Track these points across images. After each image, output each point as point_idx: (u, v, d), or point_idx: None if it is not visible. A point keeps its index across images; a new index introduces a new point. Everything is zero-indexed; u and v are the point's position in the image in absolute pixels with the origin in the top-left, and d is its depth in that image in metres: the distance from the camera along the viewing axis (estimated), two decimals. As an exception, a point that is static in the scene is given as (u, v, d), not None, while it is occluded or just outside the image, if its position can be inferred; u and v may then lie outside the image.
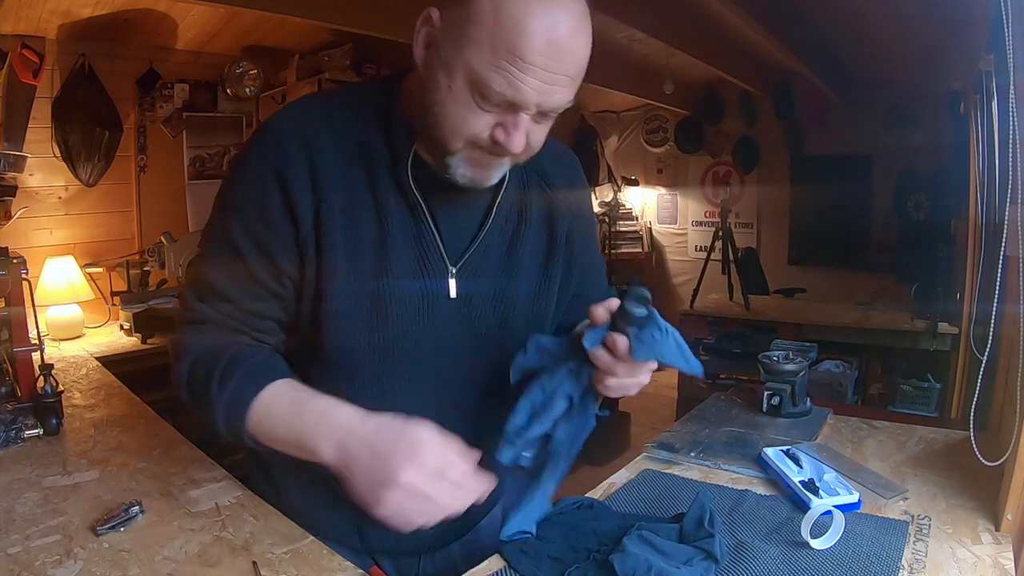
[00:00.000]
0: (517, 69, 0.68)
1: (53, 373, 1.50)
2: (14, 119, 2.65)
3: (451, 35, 0.72)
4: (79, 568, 0.90)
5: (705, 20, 3.26)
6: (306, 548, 0.94)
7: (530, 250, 0.91)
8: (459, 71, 0.71)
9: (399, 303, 0.83)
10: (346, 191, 0.80)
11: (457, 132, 0.74)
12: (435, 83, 0.74)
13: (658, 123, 5.51)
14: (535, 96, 0.70)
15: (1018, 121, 1.06)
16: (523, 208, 0.90)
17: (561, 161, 0.97)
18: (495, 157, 0.77)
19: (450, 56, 0.72)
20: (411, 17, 0.81)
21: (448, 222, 0.85)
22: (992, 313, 1.10)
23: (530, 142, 0.76)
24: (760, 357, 1.51)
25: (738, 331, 3.72)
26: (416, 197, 0.82)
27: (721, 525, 0.90)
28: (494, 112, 0.72)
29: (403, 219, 0.82)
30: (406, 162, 0.81)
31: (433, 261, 0.84)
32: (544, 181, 0.93)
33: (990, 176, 2.34)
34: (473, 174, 0.78)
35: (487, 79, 0.69)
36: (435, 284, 0.85)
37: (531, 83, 0.69)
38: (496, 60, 0.68)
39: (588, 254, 1.00)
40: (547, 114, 0.75)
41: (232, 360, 0.79)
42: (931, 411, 3.13)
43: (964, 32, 2.47)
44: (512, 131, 0.73)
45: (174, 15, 2.87)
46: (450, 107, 0.73)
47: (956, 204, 3.24)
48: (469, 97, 0.71)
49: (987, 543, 0.92)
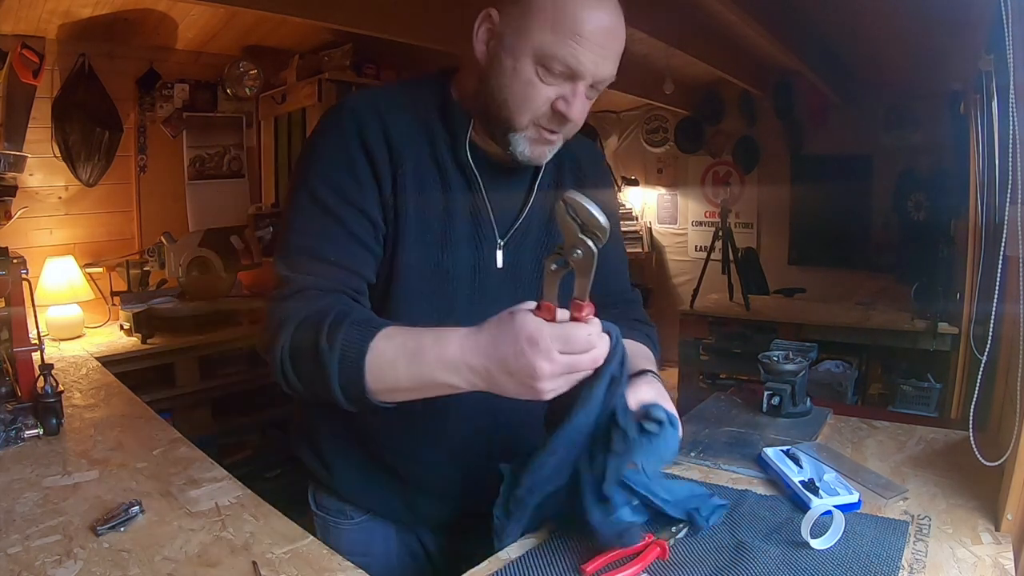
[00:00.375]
0: (576, 44, 0.81)
1: (53, 373, 1.50)
2: (14, 119, 2.65)
3: (513, 26, 0.84)
4: (79, 568, 0.90)
5: (705, 20, 3.26)
6: (306, 548, 0.94)
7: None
8: (524, 52, 0.83)
9: (457, 269, 0.92)
10: (416, 162, 0.90)
11: (522, 106, 0.85)
12: (500, 68, 0.85)
13: (658, 123, 5.51)
14: (591, 66, 0.83)
15: (1018, 121, 1.06)
16: (559, 184, 1.01)
17: (589, 149, 1.12)
18: (551, 134, 0.88)
19: (514, 42, 0.84)
20: (411, 17, 0.83)
21: (497, 198, 0.95)
22: (992, 313, 1.10)
23: (581, 116, 0.87)
24: (760, 357, 1.51)
25: (738, 331, 3.72)
26: (474, 173, 0.93)
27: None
28: (554, 85, 0.84)
29: (463, 192, 0.93)
30: (464, 142, 0.92)
31: (485, 232, 0.95)
32: (576, 163, 1.05)
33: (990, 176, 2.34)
34: (532, 151, 0.89)
35: (553, 52, 0.81)
36: (486, 254, 0.95)
37: (588, 56, 0.82)
38: (560, 37, 0.81)
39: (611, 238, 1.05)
40: (595, 88, 0.86)
41: (336, 319, 0.78)
42: (931, 411, 3.13)
43: (964, 32, 2.47)
44: (572, 100, 0.84)
45: (174, 15, 2.87)
46: (516, 85, 0.84)
47: (956, 204, 3.24)
48: (533, 74, 0.83)
49: (987, 543, 0.92)
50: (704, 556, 0.89)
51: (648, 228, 5.69)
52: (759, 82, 4.50)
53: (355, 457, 1.02)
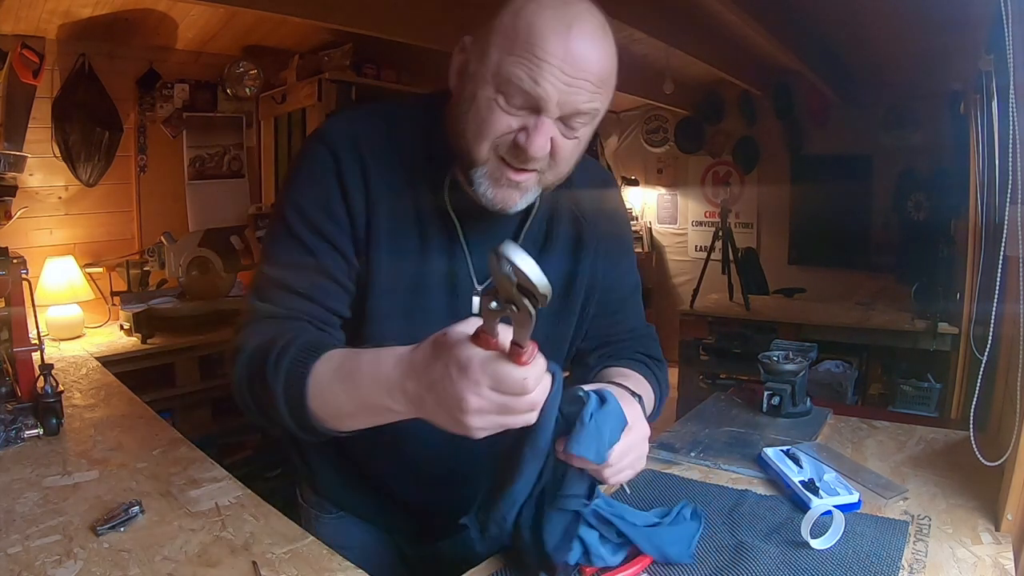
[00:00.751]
0: (535, 64, 0.71)
1: (53, 373, 1.49)
2: (14, 119, 2.64)
3: (478, 50, 0.77)
4: (79, 568, 0.90)
5: (705, 20, 3.26)
6: (306, 548, 0.94)
7: (554, 271, 0.91)
8: (485, 76, 0.75)
9: (430, 314, 0.87)
10: (393, 202, 0.85)
11: (481, 134, 0.76)
12: (464, 96, 0.78)
13: (658, 123, 5.51)
14: (554, 92, 0.72)
15: (1018, 121, 1.06)
16: (550, 231, 0.94)
17: (595, 182, 1.00)
18: (516, 173, 0.78)
19: (477, 67, 0.76)
20: (411, 17, 0.82)
21: (478, 244, 0.89)
22: (992, 313, 1.10)
23: (556, 155, 0.77)
24: (760, 357, 1.51)
25: (738, 331, 3.72)
26: (452, 218, 0.87)
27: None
28: (518, 115, 0.75)
29: (440, 240, 0.87)
30: (444, 184, 0.86)
31: (461, 278, 0.89)
32: (578, 209, 0.96)
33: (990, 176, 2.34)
34: (495, 193, 0.79)
35: (508, 73, 0.72)
36: (462, 300, 0.89)
37: (548, 79, 0.72)
38: (515, 55, 0.72)
39: (616, 274, 1.01)
40: (572, 123, 0.76)
41: (286, 342, 0.74)
42: (931, 411, 3.13)
43: (964, 32, 2.47)
44: (534, 133, 0.74)
45: (174, 15, 2.87)
46: (476, 112, 0.76)
47: (956, 204, 3.24)
48: (494, 100, 0.75)
49: (987, 543, 0.92)
50: (704, 556, 0.89)
51: (648, 228, 5.69)
52: (759, 82, 4.50)
53: (336, 463, 1.03)
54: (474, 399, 0.60)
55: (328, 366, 0.71)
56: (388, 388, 0.66)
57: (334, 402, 0.71)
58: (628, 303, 1.06)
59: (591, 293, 0.98)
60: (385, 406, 0.67)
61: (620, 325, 1.04)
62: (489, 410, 0.61)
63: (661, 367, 1.01)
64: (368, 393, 0.68)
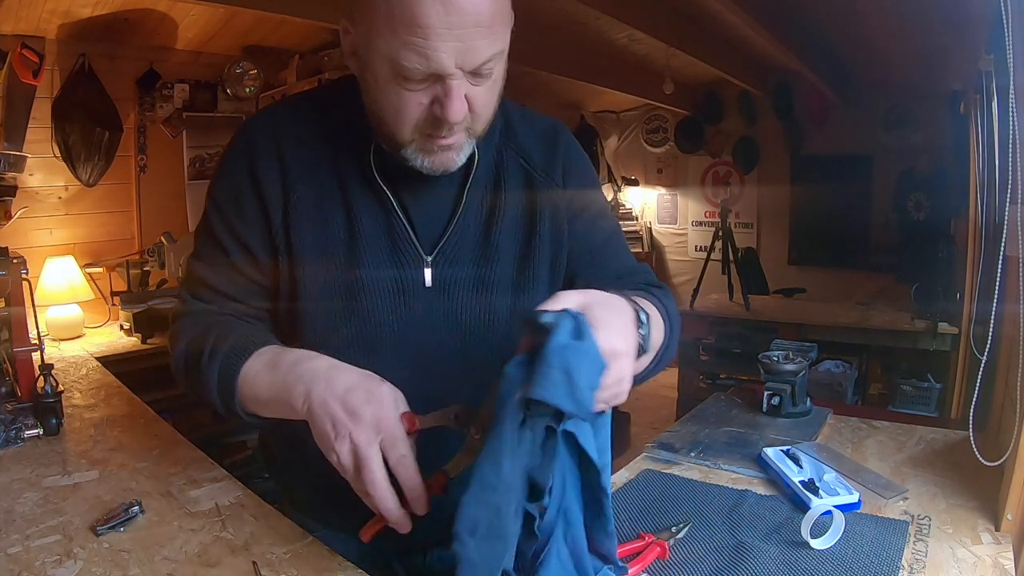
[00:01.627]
0: (421, 38, 0.67)
1: (53, 373, 1.49)
2: (14, 119, 2.64)
3: (361, 34, 0.73)
4: (79, 568, 0.90)
5: (705, 20, 3.26)
6: (306, 548, 0.94)
7: (509, 234, 0.88)
8: (377, 63, 0.72)
9: (374, 295, 0.84)
10: (315, 186, 0.83)
11: (399, 121, 0.74)
12: (366, 83, 0.76)
13: (658, 123, 5.51)
14: (451, 58, 0.68)
15: (1018, 121, 1.06)
16: (497, 190, 0.88)
17: (543, 133, 0.94)
18: (446, 140, 0.75)
19: (366, 53, 0.73)
20: None
21: (420, 212, 0.85)
22: (992, 313, 1.10)
23: (475, 108, 0.74)
24: (760, 357, 1.51)
25: (738, 331, 3.72)
26: (383, 188, 0.83)
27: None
28: (424, 90, 0.71)
29: (373, 212, 0.84)
30: (368, 155, 0.83)
31: (406, 251, 0.84)
32: (523, 157, 0.90)
33: (990, 176, 2.34)
34: (433, 161, 0.77)
35: (399, 59, 0.68)
36: (410, 274, 0.84)
37: (439, 46, 0.67)
38: (399, 37, 0.67)
39: (586, 222, 0.93)
40: (480, 73, 0.71)
41: (221, 333, 0.80)
42: (931, 411, 3.13)
43: (964, 32, 2.47)
44: (447, 101, 0.70)
45: (174, 15, 2.87)
46: (384, 100, 0.74)
47: (956, 204, 3.24)
48: (395, 84, 0.71)
49: (987, 543, 0.92)
50: (704, 556, 0.89)
51: (648, 228, 5.70)
52: (759, 82, 4.51)
53: (309, 482, 0.97)
54: (362, 438, 0.66)
55: (258, 362, 0.76)
56: (301, 385, 0.71)
57: (257, 391, 0.76)
58: (607, 249, 0.96)
59: (558, 251, 0.90)
60: (290, 401, 0.71)
61: (611, 267, 0.94)
62: (359, 450, 0.66)
63: (665, 293, 0.89)
64: (283, 386, 0.72)
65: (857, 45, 3.82)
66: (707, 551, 0.91)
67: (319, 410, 0.69)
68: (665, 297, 0.87)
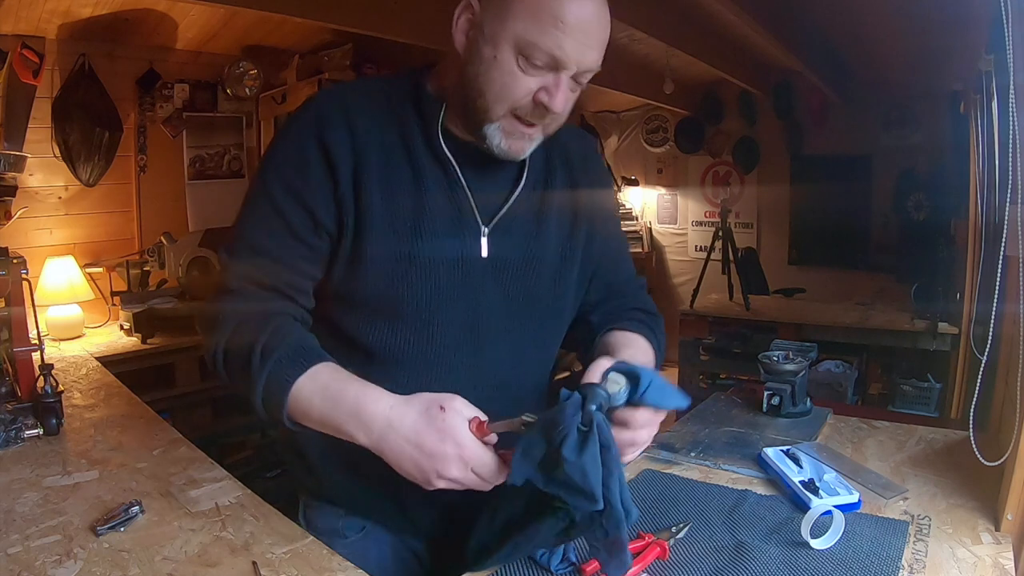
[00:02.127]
0: (559, 31, 0.78)
1: (53, 373, 1.49)
2: (14, 119, 2.64)
3: (493, 14, 0.81)
4: (79, 568, 0.90)
5: (705, 20, 3.26)
6: (306, 548, 0.94)
7: (556, 216, 0.96)
8: (505, 41, 0.79)
9: (434, 261, 0.88)
10: (383, 153, 0.87)
11: (501, 97, 0.81)
12: (479, 57, 0.82)
13: (658, 123, 5.51)
14: (575, 55, 0.79)
15: (1018, 121, 1.06)
16: (548, 177, 0.97)
17: (579, 138, 1.06)
18: (529, 127, 0.84)
19: (495, 30, 0.80)
20: (411, 17, 0.84)
21: (479, 186, 0.91)
22: (992, 313, 1.10)
23: (564, 108, 0.84)
24: (760, 357, 1.51)
25: (738, 331, 3.72)
26: (449, 158, 0.89)
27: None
28: (536, 76, 0.80)
29: (438, 181, 0.89)
30: (436, 130, 0.89)
31: (467, 221, 0.90)
32: (566, 156, 1.00)
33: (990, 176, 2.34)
34: (509, 145, 0.85)
35: (535, 41, 0.78)
36: (468, 243, 0.90)
37: (571, 44, 0.78)
38: (542, 25, 0.78)
39: (608, 228, 1.06)
40: (580, 80, 0.83)
41: (274, 336, 0.81)
42: (931, 411, 3.13)
43: (964, 32, 2.47)
44: (555, 91, 0.81)
45: (174, 15, 2.87)
46: (495, 75, 0.81)
47: (956, 204, 3.24)
48: (514, 64, 0.80)
49: (987, 543, 0.92)
50: (704, 556, 0.89)
51: (648, 228, 5.69)
52: (759, 82, 4.50)
53: (340, 462, 0.98)
54: (456, 472, 0.73)
55: (313, 385, 0.79)
56: (366, 429, 0.76)
57: (308, 412, 0.80)
58: (624, 252, 1.12)
59: (591, 237, 1.00)
60: (352, 437, 0.77)
61: (622, 273, 1.08)
62: (458, 481, 0.74)
63: (658, 322, 1.03)
64: (344, 422, 0.78)
65: (857, 45, 3.82)
66: (707, 551, 0.91)
67: (397, 458, 0.76)
68: (658, 329, 1.02)
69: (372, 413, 0.76)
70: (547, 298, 0.96)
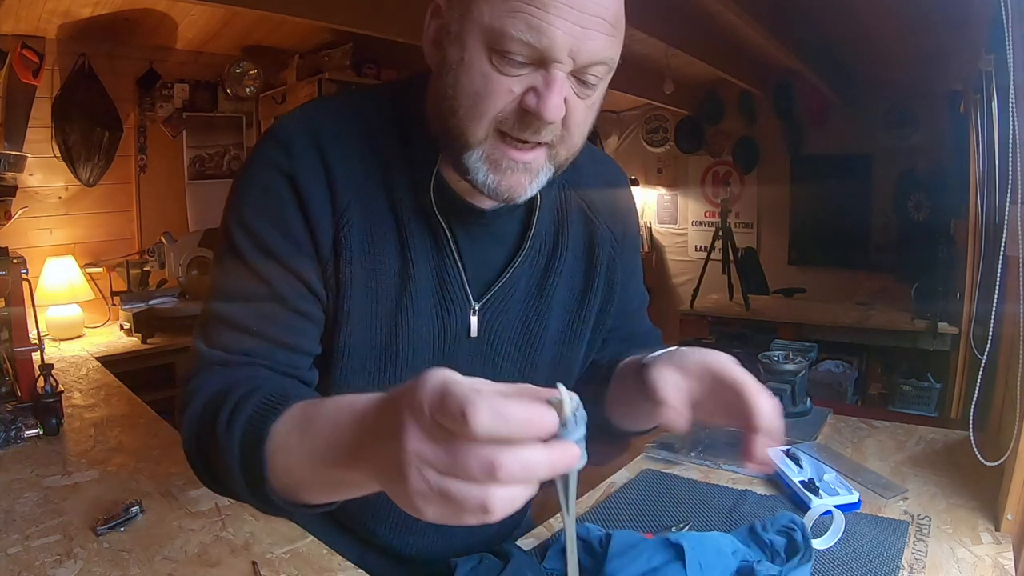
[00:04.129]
0: (536, 7, 0.56)
1: (53, 373, 1.50)
2: (14, 119, 2.65)
3: (460, 7, 0.61)
4: (79, 568, 0.90)
5: (705, 20, 3.26)
6: (306, 548, 0.94)
7: (565, 283, 0.80)
8: (471, 36, 0.59)
9: (416, 341, 0.72)
10: (366, 211, 0.69)
11: (476, 109, 0.61)
12: (447, 64, 0.62)
13: (658, 123, 5.51)
14: (564, 39, 0.57)
15: (1018, 121, 1.06)
16: (559, 234, 0.78)
17: (607, 178, 0.86)
18: (522, 151, 0.62)
19: (460, 28, 0.61)
20: (411, 17, 0.78)
21: (474, 253, 0.74)
22: (992, 313, 1.10)
23: (570, 122, 0.62)
24: (760, 357, 1.51)
25: (738, 331, 3.72)
26: (440, 222, 0.71)
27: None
28: (519, 76, 0.59)
29: (426, 247, 0.71)
30: (429, 183, 0.70)
31: (455, 297, 0.73)
32: (585, 201, 0.81)
33: (990, 176, 2.34)
34: (499, 180, 0.63)
35: (503, 27, 0.57)
36: (456, 322, 0.74)
37: (556, 22, 0.56)
38: (511, 4, 0.57)
39: (630, 287, 0.88)
40: (587, 77, 0.61)
41: (243, 396, 0.59)
42: (931, 411, 3.13)
43: (964, 32, 2.47)
44: (544, 92, 0.58)
45: (174, 15, 2.87)
46: (465, 80, 0.61)
47: (956, 204, 3.24)
48: (487, 63, 0.59)
49: (987, 543, 0.92)
50: (704, 556, 0.89)
51: (648, 228, 5.69)
52: (759, 82, 4.50)
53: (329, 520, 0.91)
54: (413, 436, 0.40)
55: (289, 417, 0.55)
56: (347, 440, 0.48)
57: (290, 462, 0.53)
58: (638, 315, 0.92)
59: (606, 305, 0.83)
60: (341, 463, 0.48)
61: (637, 328, 0.91)
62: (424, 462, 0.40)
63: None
64: (324, 446, 0.50)
65: (857, 45, 3.82)
66: (707, 551, 0.90)
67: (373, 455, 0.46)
68: None
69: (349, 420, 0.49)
70: (545, 377, 0.79)
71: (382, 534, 0.87)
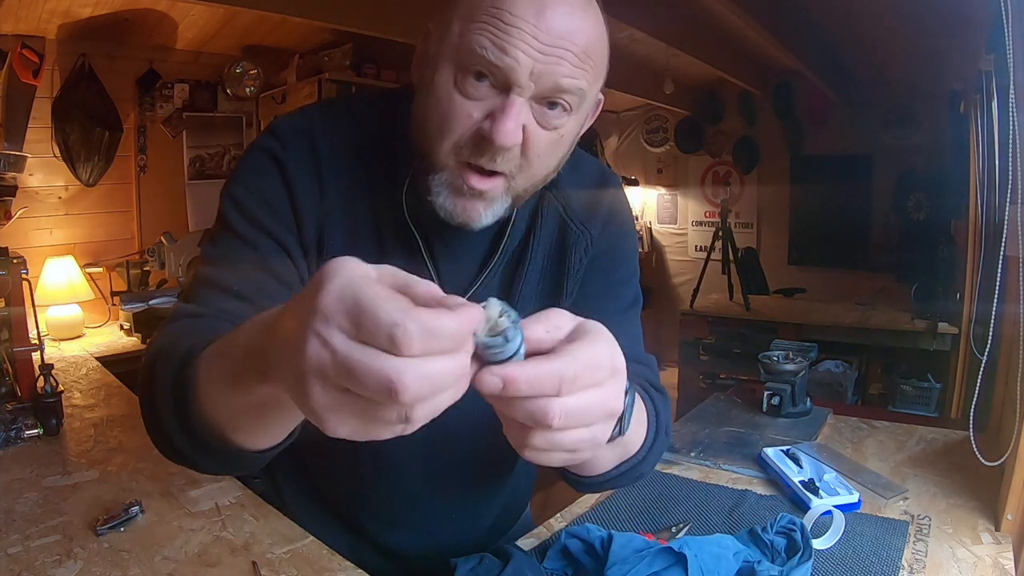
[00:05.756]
0: (502, 24, 0.57)
1: (53, 373, 1.49)
2: (14, 119, 2.65)
3: (439, 30, 0.63)
4: (79, 568, 0.90)
5: (705, 20, 3.26)
6: (306, 548, 0.94)
7: (531, 290, 0.78)
8: (443, 58, 0.61)
9: None
10: (350, 211, 0.72)
11: (440, 131, 0.62)
12: (422, 86, 0.65)
13: (658, 123, 5.51)
14: (525, 60, 0.57)
15: (1018, 121, 1.06)
16: (528, 238, 0.78)
17: (589, 179, 0.82)
18: (479, 178, 0.63)
19: (436, 51, 0.63)
20: (411, 17, 0.79)
21: (449, 261, 0.75)
22: (992, 313, 1.10)
23: (528, 151, 0.62)
24: (760, 357, 1.51)
25: (738, 331, 3.72)
26: (412, 231, 0.73)
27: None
28: (480, 102, 0.60)
29: (402, 254, 0.73)
30: (401, 192, 0.71)
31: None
32: (561, 202, 0.80)
33: (990, 176, 2.34)
34: (455, 204, 0.64)
35: (469, 43, 0.58)
36: None
37: (519, 44, 0.57)
38: (479, 22, 0.58)
39: (608, 285, 0.83)
40: (552, 105, 0.61)
41: (193, 345, 0.53)
42: (931, 411, 3.13)
43: (964, 32, 2.47)
44: (499, 116, 0.59)
45: (174, 15, 2.87)
46: (432, 102, 0.62)
47: (956, 204, 3.24)
48: (452, 86, 0.60)
49: (987, 543, 0.92)
50: (704, 556, 0.89)
51: (648, 228, 5.69)
52: (759, 82, 4.50)
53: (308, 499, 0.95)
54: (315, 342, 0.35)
55: (213, 346, 0.51)
56: (257, 354, 0.42)
57: (213, 391, 0.50)
58: (623, 321, 0.83)
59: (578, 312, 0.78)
60: (254, 380, 0.43)
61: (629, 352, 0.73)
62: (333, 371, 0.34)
63: (663, 398, 0.75)
64: (239, 366, 0.45)
65: (857, 45, 3.82)
66: (707, 551, 0.90)
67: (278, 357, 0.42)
68: (662, 404, 0.73)
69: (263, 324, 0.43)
70: None
71: (371, 528, 0.91)
